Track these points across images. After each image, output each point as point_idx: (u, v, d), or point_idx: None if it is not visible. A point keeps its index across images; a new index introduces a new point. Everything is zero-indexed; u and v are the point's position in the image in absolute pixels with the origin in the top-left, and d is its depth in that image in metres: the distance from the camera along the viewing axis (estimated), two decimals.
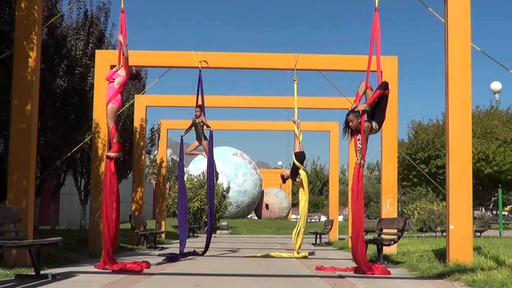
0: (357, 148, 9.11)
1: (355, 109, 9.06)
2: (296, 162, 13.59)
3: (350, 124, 9.03)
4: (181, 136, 13.85)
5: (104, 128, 13.77)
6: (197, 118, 13.11)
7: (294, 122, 13.72)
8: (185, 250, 12.99)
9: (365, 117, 8.99)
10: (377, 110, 9.07)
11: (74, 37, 15.39)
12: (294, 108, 13.82)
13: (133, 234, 16.25)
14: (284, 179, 14.59)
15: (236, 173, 43.81)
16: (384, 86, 9.07)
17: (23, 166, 9.43)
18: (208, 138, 13.33)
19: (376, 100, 8.96)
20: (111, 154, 9.56)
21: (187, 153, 13.83)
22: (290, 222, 39.34)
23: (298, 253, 13.13)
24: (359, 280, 8.17)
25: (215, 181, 14.38)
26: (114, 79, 9.55)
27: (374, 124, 9.03)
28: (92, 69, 14.87)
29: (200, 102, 13.25)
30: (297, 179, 13.83)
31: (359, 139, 9.07)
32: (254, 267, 10.35)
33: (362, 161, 9.02)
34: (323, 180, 61.98)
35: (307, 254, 13.36)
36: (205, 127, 13.12)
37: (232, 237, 25.46)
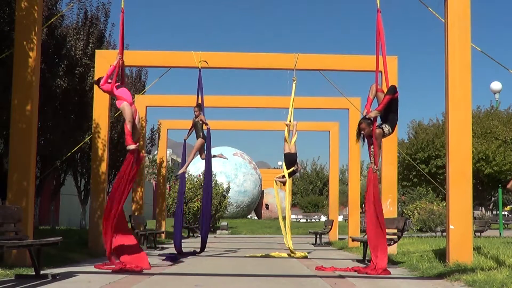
0: (371, 153, 9.23)
1: (367, 116, 9.11)
2: (284, 164, 13.50)
3: (363, 132, 9.15)
4: (184, 140, 13.84)
5: (104, 128, 13.79)
6: (196, 117, 13.12)
7: (287, 125, 13.52)
8: (185, 250, 12.99)
9: (377, 122, 9.05)
10: (389, 113, 9.12)
11: (74, 37, 15.39)
12: (290, 108, 13.64)
13: (133, 234, 16.23)
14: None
15: (236, 173, 43.82)
16: (393, 90, 9.11)
17: (23, 166, 9.43)
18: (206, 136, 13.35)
19: (386, 105, 9.00)
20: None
21: (202, 158, 13.59)
22: (290, 222, 39.30)
23: (295, 253, 13.12)
24: (359, 280, 8.17)
25: (224, 158, 14.31)
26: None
27: (386, 128, 9.11)
28: (92, 69, 14.87)
29: (199, 102, 13.25)
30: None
31: (373, 144, 9.19)
32: (254, 267, 10.35)
33: (375, 166, 9.15)
34: (323, 180, 61.94)
35: (307, 254, 13.35)
36: (204, 125, 13.11)
37: (232, 237, 25.47)
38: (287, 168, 13.47)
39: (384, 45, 9.24)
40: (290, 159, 13.54)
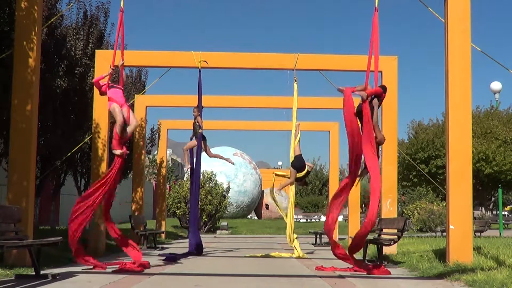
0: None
1: (355, 89, 8.96)
2: (293, 169, 13.50)
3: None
4: (191, 138, 13.86)
5: (104, 128, 13.79)
6: (195, 118, 13.16)
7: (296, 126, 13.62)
8: (186, 251, 12.98)
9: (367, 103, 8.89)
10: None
11: (74, 37, 15.37)
12: (293, 108, 13.63)
13: (133, 234, 16.25)
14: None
15: (236, 173, 43.79)
16: (385, 88, 9.11)
17: (23, 166, 9.43)
18: (206, 139, 13.38)
19: (373, 95, 8.94)
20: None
21: (184, 149, 13.75)
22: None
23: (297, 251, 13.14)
24: (359, 280, 8.17)
25: (231, 163, 14.37)
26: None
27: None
28: (92, 69, 14.87)
29: (198, 103, 13.27)
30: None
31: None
32: (254, 267, 10.35)
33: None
34: (322, 180, 61.92)
35: (305, 254, 13.33)
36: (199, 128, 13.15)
37: (232, 237, 25.46)
38: (299, 172, 13.46)
39: (377, 44, 9.19)
40: (298, 161, 13.49)
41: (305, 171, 13.57)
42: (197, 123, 13.11)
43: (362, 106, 8.77)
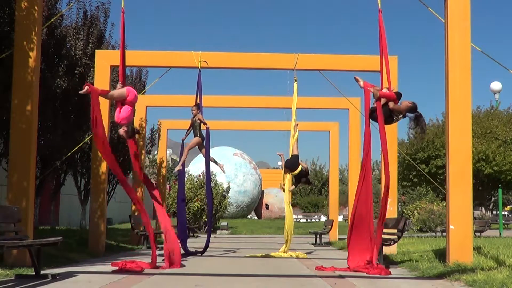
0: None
1: (374, 90, 9.03)
2: (287, 170, 13.51)
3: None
4: (182, 140, 13.83)
5: (104, 128, 13.76)
6: (194, 116, 13.08)
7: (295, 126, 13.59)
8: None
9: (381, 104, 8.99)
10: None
11: (74, 37, 15.40)
12: (293, 109, 13.60)
13: (133, 234, 16.27)
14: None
15: (236, 173, 43.80)
16: (399, 94, 9.17)
17: (23, 166, 9.43)
18: (205, 136, 13.34)
19: (385, 97, 8.99)
20: None
21: (186, 149, 13.69)
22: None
23: (286, 252, 13.17)
24: (359, 280, 8.16)
25: (223, 171, 14.29)
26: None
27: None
28: (92, 69, 14.88)
29: (198, 102, 13.25)
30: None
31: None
32: (254, 267, 10.35)
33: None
34: (322, 180, 61.95)
35: (305, 255, 13.33)
36: (202, 125, 13.07)
37: (232, 237, 25.46)
38: (292, 171, 13.44)
39: (385, 45, 9.22)
40: (291, 161, 13.46)
41: (298, 170, 13.50)
42: (198, 121, 13.05)
43: (376, 105, 8.92)
